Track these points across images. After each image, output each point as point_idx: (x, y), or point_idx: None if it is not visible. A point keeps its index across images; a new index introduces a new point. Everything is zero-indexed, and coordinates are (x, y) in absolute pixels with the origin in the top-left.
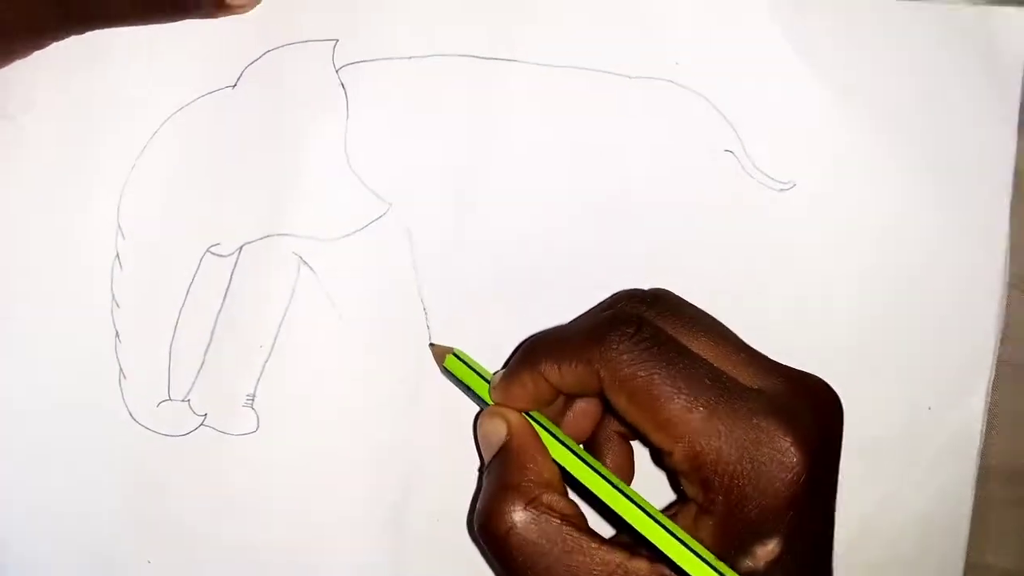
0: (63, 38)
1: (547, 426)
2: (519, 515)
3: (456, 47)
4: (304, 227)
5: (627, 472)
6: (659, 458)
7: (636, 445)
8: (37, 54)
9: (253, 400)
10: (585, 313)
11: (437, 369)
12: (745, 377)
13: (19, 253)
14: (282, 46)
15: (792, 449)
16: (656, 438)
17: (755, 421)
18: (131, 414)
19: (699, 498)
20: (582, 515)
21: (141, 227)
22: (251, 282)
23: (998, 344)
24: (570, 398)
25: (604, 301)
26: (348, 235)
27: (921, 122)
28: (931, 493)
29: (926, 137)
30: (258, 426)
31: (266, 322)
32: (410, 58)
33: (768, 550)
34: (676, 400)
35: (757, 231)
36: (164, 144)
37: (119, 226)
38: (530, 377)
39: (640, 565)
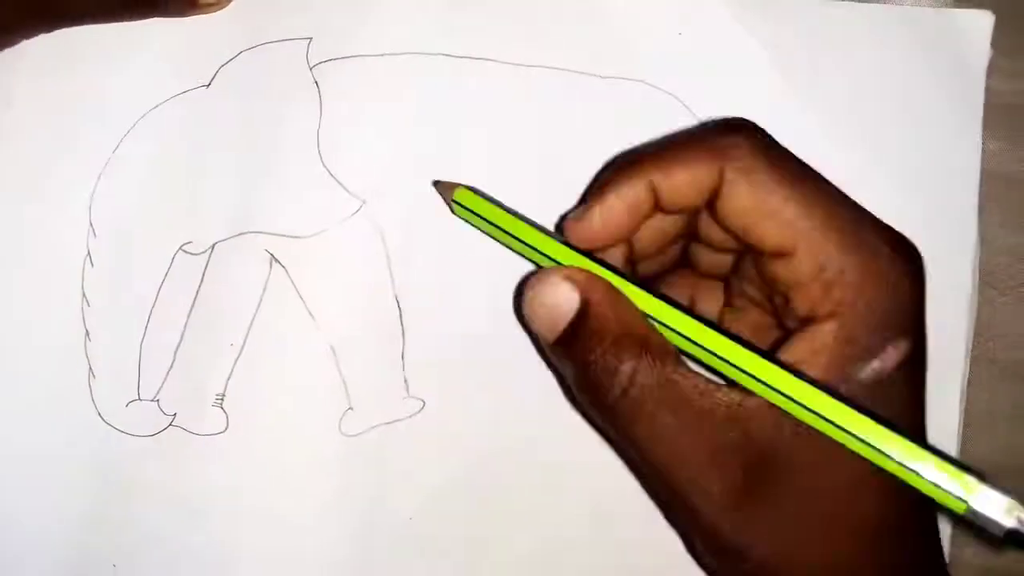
0: (33, 36)
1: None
2: (627, 374)
3: (430, 45)
4: (276, 224)
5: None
6: (760, 271)
7: None
8: (13, 52)
9: (223, 400)
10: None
11: (410, 368)
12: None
13: None
14: (257, 45)
15: (907, 270)
16: (773, 237)
17: (874, 239)
18: (100, 414)
19: (818, 308)
20: (679, 356)
21: (113, 225)
22: (223, 280)
23: (970, 344)
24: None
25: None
26: (320, 232)
27: (887, 121)
28: None
29: (892, 136)
30: (227, 426)
31: (237, 321)
32: (383, 55)
33: (900, 350)
34: (798, 200)
35: None
36: (137, 143)
37: (91, 224)
38: (631, 193)
39: (757, 402)
